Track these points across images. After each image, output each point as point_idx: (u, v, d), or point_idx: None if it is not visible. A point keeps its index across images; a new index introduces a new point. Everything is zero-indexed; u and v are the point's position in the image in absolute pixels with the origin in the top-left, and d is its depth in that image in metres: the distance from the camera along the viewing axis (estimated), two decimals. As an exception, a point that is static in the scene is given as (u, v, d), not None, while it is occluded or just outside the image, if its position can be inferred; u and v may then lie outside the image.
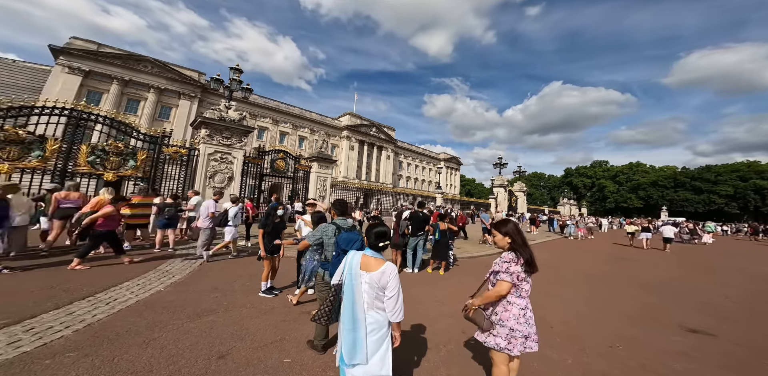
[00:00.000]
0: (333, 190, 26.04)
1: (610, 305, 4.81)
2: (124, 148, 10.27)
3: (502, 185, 29.76)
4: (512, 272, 1.91)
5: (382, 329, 1.77)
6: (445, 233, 6.55)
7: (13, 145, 8.75)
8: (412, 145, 68.97)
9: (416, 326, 3.42)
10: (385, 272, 1.79)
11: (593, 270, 8.01)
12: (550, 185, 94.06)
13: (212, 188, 11.05)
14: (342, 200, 3.01)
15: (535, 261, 1.99)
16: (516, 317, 1.91)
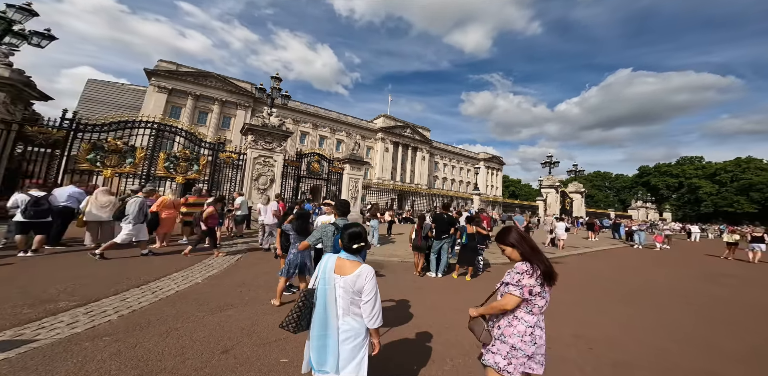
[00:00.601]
0: (366, 191, 26.55)
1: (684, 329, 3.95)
2: (190, 154, 11.76)
3: (553, 186, 26.47)
4: (523, 286, 1.66)
5: (359, 337, 1.67)
6: (473, 236, 6.16)
7: (113, 154, 10.60)
8: (448, 145, 66.84)
9: (423, 335, 3.23)
10: (360, 274, 1.67)
11: (665, 286, 6.71)
12: (618, 186, 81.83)
13: (257, 189, 12.01)
14: (344, 200, 3.00)
15: (554, 273, 1.72)
16: (521, 335, 1.65)
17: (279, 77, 13.03)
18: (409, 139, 54.54)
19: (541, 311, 1.72)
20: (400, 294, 4.59)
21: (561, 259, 9.86)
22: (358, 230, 1.84)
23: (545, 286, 1.71)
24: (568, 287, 5.87)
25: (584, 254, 11.72)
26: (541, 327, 1.72)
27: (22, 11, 8.82)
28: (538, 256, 1.75)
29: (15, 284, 3.68)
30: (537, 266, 1.71)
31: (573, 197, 29.85)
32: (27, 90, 9.02)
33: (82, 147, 10.03)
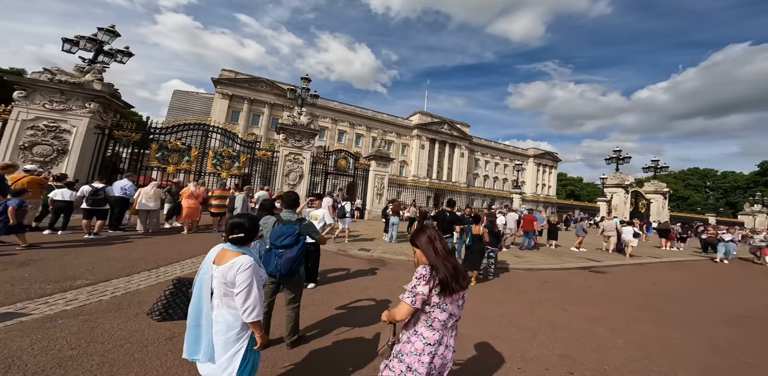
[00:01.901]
0: (401, 189, 26.10)
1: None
2: (232, 152, 12.81)
3: (621, 185, 22.20)
4: (416, 293, 1.38)
5: (233, 330, 1.54)
6: (480, 238, 5.46)
7: (174, 152, 12.08)
8: (490, 141, 62.29)
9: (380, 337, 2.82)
10: (233, 265, 1.53)
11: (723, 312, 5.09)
12: (727, 186, 63.69)
13: (287, 184, 12.58)
14: (292, 192, 2.78)
15: (452, 281, 1.38)
16: (418, 354, 1.36)
17: (308, 78, 13.35)
18: (447, 136, 52.29)
19: (444, 325, 1.41)
20: (386, 294, 4.24)
21: (609, 268, 8.30)
22: (240, 220, 1.68)
23: (445, 297, 1.39)
24: (597, 300, 4.86)
25: (645, 265, 9.64)
26: (447, 345, 1.42)
27: (109, 33, 10.43)
28: (445, 261, 1.43)
29: (59, 262, 4.23)
30: (437, 272, 1.40)
31: (651, 198, 24.71)
32: (114, 100, 10.66)
33: (152, 147, 11.59)
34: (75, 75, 9.63)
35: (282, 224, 2.50)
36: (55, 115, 9.32)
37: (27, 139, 8.96)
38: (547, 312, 4.04)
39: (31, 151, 9.02)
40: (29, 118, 9.04)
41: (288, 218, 2.61)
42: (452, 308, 1.41)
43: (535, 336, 3.19)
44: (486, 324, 3.42)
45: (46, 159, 9.15)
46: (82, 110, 9.63)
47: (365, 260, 6.50)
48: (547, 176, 67.00)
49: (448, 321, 1.42)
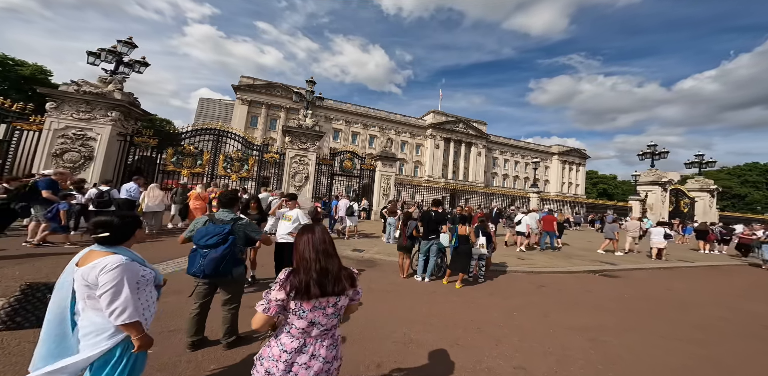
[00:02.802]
0: (416, 190, 25.90)
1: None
2: (241, 155, 13.37)
3: (658, 182, 20.32)
4: (270, 300, 1.29)
5: (104, 333, 1.42)
6: (467, 238, 5.28)
7: (188, 157, 12.83)
8: (509, 139, 60.17)
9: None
10: (96, 266, 1.41)
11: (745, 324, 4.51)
12: None
13: (294, 186, 12.91)
14: (231, 191, 2.81)
15: (312, 286, 1.28)
16: (275, 359, 1.27)
17: (313, 81, 13.65)
18: (462, 135, 51.19)
19: (305, 333, 1.30)
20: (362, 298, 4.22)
21: (624, 272, 7.71)
22: (105, 219, 1.55)
23: (302, 303, 1.29)
24: (591, 306, 4.53)
25: (672, 269, 8.81)
26: (315, 355, 1.30)
27: (127, 45, 11.27)
28: (314, 263, 1.34)
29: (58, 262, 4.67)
30: (295, 275, 1.32)
31: (696, 196, 22.59)
32: (134, 109, 11.50)
33: (168, 152, 12.39)
34: (98, 86, 10.49)
35: (211, 224, 2.48)
36: (82, 123, 10.18)
37: (58, 146, 9.86)
38: (525, 319, 3.82)
39: (62, 158, 9.91)
40: (60, 127, 9.94)
41: (222, 217, 2.58)
42: (314, 315, 1.30)
43: (498, 345, 3.03)
44: (451, 330, 3.29)
45: (74, 165, 10.01)
46: (105, 119, 10.45)
47: (354, 261, 6.51)
48: (574, 174, 63.49)
49: (311, 329, 1.31)
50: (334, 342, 1.38)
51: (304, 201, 12.99)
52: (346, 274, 1.41)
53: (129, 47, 11.14)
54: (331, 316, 1.36)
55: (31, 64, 31.98)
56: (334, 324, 1.38)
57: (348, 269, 1.47)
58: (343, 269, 1.43)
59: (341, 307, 1.38)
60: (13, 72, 29.65)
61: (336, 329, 1.42)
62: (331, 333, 1.38)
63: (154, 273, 1.62)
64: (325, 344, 1.34)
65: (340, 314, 1.40)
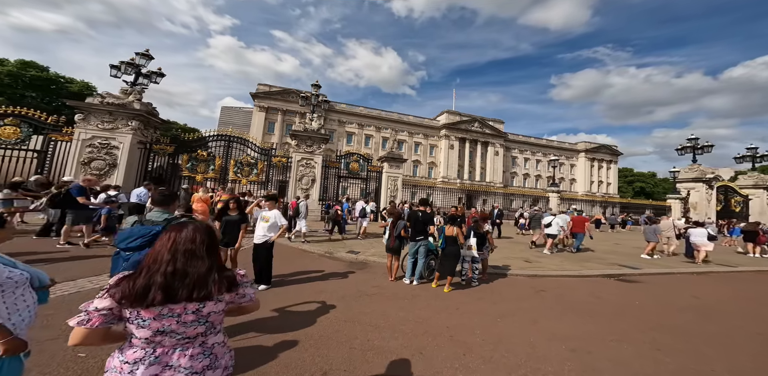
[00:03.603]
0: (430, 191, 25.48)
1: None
2: (251, 159, 13.86)
3: (702, 179, 18.68)
4: (90, 311, 1.10)
5: None
6: (454, 240, 5.04)
7: (202, 162, 13.50)
8: (529, 137, 57.84)
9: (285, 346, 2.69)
10: None
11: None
12: None
13: (300, 188, 13.15)
14: (165, 189, 2.74)
15: (156, 291, 1.11)
16: (117, 371, 1.15)
17: (318, 85, 13.90)
18: (478, 134, 49.89)
19: (150, 343, 1.14)
20: (337, 298, 4.12)
21: (647, 277, 7.02)
22: None
23: (140, 310, 1.12)
24: (591, 314, 4.14)
25: (708, 274, 7.89)
26: (171, 366, 1.15)
27: (144, 57, 12.06)
28: (155, 266, 1.17)
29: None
30: (129, 280, 1.14)
31: (750, 193, 20.32)
32: (152, 118, 12.28)
33: (183, 158, 13.11)
34: (120, 97, 11.30)
35: (139, 225, 2.35)
36: (106, 133, 11.00)
37: (86, 155, 10.70)
38: (509, 326, 3.54)
39: (90, 166, 10.74)
40: (87, 137, 10.79)
41: (153, 218, 2.44)
42: (160, 324, 1.13)
43: (466, 355, 2.80)
44: (420, 338, 3.11)
45: (101, 172, 10.81)
46: (126, 128, 11.22)
47: (346, 263, 6.45)
48: (604, 172, 59.64)
49: (160, 339, 1.14)
50: (206, 351, 1.22)
51: (311, 203, 13.19)
52: (221, 277, 1.24)
53: (146, 59, 11.90)
54: (193, 324, 1.18)
55: (79, 81, 35.46)
56: (201, 332, 1.21)
57: (229, 272, 1.31)
58: (220, 272, 1.26)
59: (209, 313, 1.20)
60: (65, 89, 32.96)
61: (213, 336, 1.26)
62: (199, 341, 1.22)
63: (27, 274, 1.53)
64: (188, 352, 1.19)
65: (210, 321, 1.22)
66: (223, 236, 4.24)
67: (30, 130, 10.87)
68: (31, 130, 10.96)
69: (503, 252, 8.97)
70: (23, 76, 30.82)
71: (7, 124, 10.64)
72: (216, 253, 1.33)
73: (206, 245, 1.28)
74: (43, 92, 31.10)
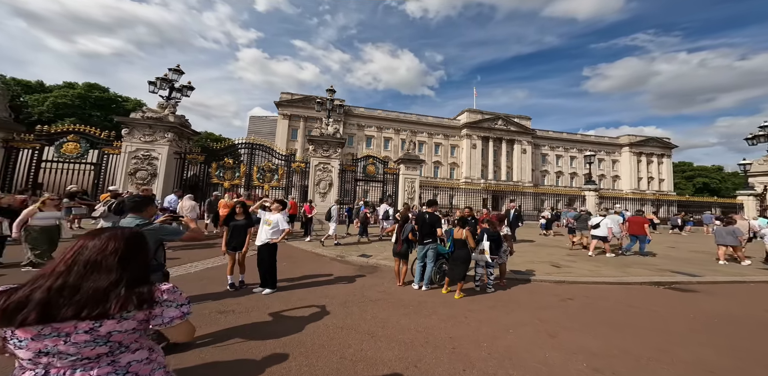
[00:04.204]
0: (453, 192, 24.71)
1: None
2: (272, 165, 14.43)
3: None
4: None
5: None
6: (464, 243, 4.71)
7: (228, 170, 14.34)
8: (561, 133, 54.10)
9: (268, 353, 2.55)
10: None
11: None
12: None
13: (318, 193, 13.40)
14: (137, 195, 2.72)
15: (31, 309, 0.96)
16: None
17: (333, 89, 14.15)
18: (502, 132, 47.68)
19: (34, 365, 1.01)
20: (339, 303, 4.00)
21: (708, 286, 6.01)
22: None
23: (14, 330, 0.97)
24: (627, 327, 3.58)
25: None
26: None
27: (176, 72, 13.09)
28: (42, 280, 1.03)
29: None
30: (2, 294, 0.99)
31: None
32: (185, 129, 13.32)
33: (212, 166, 14.02)
34: (157, 111, 12.33)
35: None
36: (147, 145, 12.07)
37: (132, 166, 11.81)
38: (521, 338, 3.16)
39: (135, 176, 11.84)
40: (132, 149, 11.91)
41: (125, 224, 2.43)
42: (42, 345, 0.98)
43: (466, 370, 2.50)
44: (418, 349, 2.86)
45: (144, 181, 11.85)
46: (163, 140, 12.22)
47: (357, 267, 6.34)
48: (655, 167, 53.90)
49: (47, 360, 1.00)
50: (119, 370, 1.08)
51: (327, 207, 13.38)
52: (130, 292, 1.08)
53: (178, 74, 12.88)
54: (88, 344, 1.02)
55: (132, 99, 39.92)
56: (104, 352, 1.05)
57: (146, 287, 1.14)
58: (132, 287, 1.10)
59: (109, 333, 1.04)
60: (122, 107, 37.25)
61: (128, 354, 1.11)
62: (106, 360, 1.07)
63: None
64: (93, 373, 1.04)
65: (113, 341, 1.06)
66: (231, 241, 4.34)
67: (87, 145, 12.23)
68: (89, 145, 12.31)
69: (528, 256, 8.32)
70: (89, 97, 35.40)
71: (70, 141, 12.06)
72: (135, 265, 1.17)
73: (120, 255, 1.13)
74: (106, 111, 35.34)
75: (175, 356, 2.49)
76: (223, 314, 3.47)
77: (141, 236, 1.25)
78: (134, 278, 1.13)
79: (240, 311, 3.56)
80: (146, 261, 1.28)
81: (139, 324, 1.11)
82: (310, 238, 9.26)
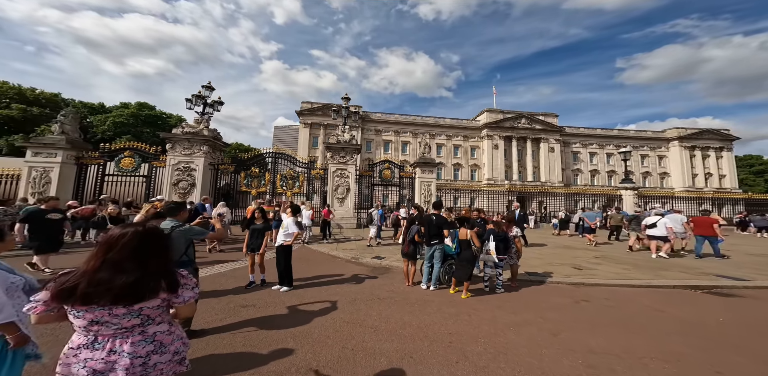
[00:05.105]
0: (475, 195, 24.17)
1: None
2: (293, 173, 15.27)
3: None
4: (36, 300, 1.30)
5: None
6: (469, 243, 4.77)
7: (255, 178, 15.41)
8: (594, 128, 50.69)
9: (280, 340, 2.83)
10: None
11: None
12: None
13: (337, 198, 13.91)
14: (172, 201, 3.09)
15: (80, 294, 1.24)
16: (66, 355, 1.33)
17: (348, 97, 14.72)
18: (527, 131, 45.72)
19: (89, 331, 1.31)
20: (347, 301, 4.24)
21: (756, 291, 5.48)
22: None
23: (72, 305, 1.27)
24: (646, 330, 3.45)
25: None
26: (114, 351, 1.30)
27: (208, 89, 14.38)
28: (84, 270, 1.31)
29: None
30: (65, 276, 1.30)
31: None
32: (217, 142, 14.55)
33: (241, 175, 15.17)
34: (194, 126, 13.63)
35: None
36: (186, 158, 13.36)
37: (174, 178, 13.13)
38: (520, 337, 3.18)
39: (178, 186, 13.17)
40: (174, 162, 13.25)
41: (163, 225, 2.90)
42: (93, 316, 1.27)
43: (459, 362, 2.62)
44: (416, 342, 3.01)
45: (185, 191, 13.11)
46: (199, 152, 13.46)
47: (369, 268, 6.58)
48: (713, 162, 48.45)
49: (96, 328, 1.29)
50: (147, 338, 1.36)
51: (347, 211, 13.84)
52: (159, 281, 1.35)
53: (209, 90, 14.13)
54: (126, 316, 1.31)
55: (175, 116, 44.19)
56: (137, 323, 1.34)
57: (172, 274, 1.42)
58: (159, 276, 1.37)
59: (140, 308, 1.34)
60: (166, 123, 41.42)
61: (153, 326, 1.39)
62: (138, 331, 1.35)
63: (24, 280, 1.75)
64: (129, 340, 1.33)
65: (143, 315, 1.35)
66: (251, 243, 4.82)
67: (140, 159, 13.81)
68: (141, 160, 13.89)
69: (549, 257, 8.04)
70: (140, 115, 39.85)
71: (126, 156, 13.72)
72: (156, 256, 1.42)
73: (141, 250, 1.37)
74: (154, 127, 39.46)
75: (193, 342, 2.89)
76: (244, 308, 3.89)
77: (156, 233, 1.49)
78: (159, 270, 1.39)
79: (259, 306, 3.96)
80: (165, 252, 1.50)
81: (162, 302, 1.41)
82: (328, 240, 9.69)
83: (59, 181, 11.80)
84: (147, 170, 13.78)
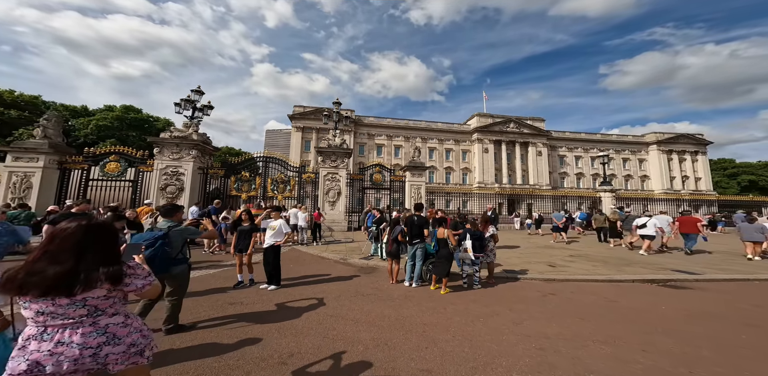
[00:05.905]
0: (467, 198, 24.78)
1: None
2: (284, 177, 15.44)
3: None
4: None
5: None
6: (446, 242, 5.14)
7: (245, 182, 15.48)
8: (579, 133, 52.58)
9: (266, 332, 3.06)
10: None
11: None
12: None
13: (328, 201, 14.16)
14: (168, 203, 3.42)
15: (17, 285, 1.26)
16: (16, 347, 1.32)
17: (339, 102, 15.08)
18: (515, 135, 47.08)
19: (35, 323, 1.31)
20: (334, 298, 4.50)
21: (707, 284, 5.93)
22: None
23: (18, 295, 1.30)
24: (593, 317, 3.85)
25: None
26: (62, 342, 1.29)
27: (198, 93, 14.46)
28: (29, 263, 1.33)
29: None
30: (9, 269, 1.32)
31: None
32: (207, 146, 14.54)
33: (231, 179, 15.22)
34: (183, 130, 13.63)
35: (149, 231, 3.16)
36: (175, 162, 13.32)
37: (162, 182, 13.06)
38: (486, 326, 3.53)
39: (166, 191, 13.07)
40: (162, 167, 13.19)
41: (160, 225, 3.19)
42: (39, 306, 1.28)
43: (428, 348, 2.94)
44: (392, 332, 3.32)
45: (173, 195, 13.03)
46: (188, 156, 13.44)
47: (357, 268, 6.86)
48: (689, 165, 50.85)
49: (43, 319, 1.29)
50: (98, 330, 1.35)
51: (338, 215, 14.09)
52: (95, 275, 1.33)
53: (199, 95, 14.22)
54: (70, 306, 1.30)
55: (162, 119, 43.47)
56: (84, 314, 1.33)
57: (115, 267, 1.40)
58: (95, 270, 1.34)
59: (84, 299, 1.32)
60: (153, 127, 40.74)
61: (105, 317, 1.39)
62: (90, 321, 1.35)
63: None
64: (80, 331, 1.32)
65: (89, 305, 1.34)
66: (238, 244, 5.05)
67: (126, 164, 13.70)
68: (127, 164, 13.77)
69: (527, 256, 8.50)
70: (126, 118, 39.00)
71: (111, 161, 13.60)
72: (98, 250, 1.40)
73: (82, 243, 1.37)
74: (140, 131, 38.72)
75: (181, 335, 3.12)
76: (231, 305, 4.12)
77: (99, 226, 1.47)
78: (96, 262, 1.37)
79: (246, 303, 4.20)
80: (110, 246, 1.47)
81: (108, 292, 1.38)
82: (318, 243, 9.91)
83: (41, 186, 11.65)
84: (133, 175, 13.66)
